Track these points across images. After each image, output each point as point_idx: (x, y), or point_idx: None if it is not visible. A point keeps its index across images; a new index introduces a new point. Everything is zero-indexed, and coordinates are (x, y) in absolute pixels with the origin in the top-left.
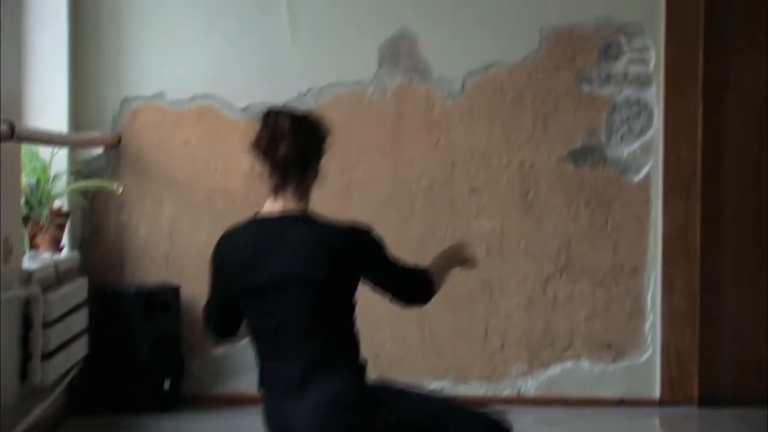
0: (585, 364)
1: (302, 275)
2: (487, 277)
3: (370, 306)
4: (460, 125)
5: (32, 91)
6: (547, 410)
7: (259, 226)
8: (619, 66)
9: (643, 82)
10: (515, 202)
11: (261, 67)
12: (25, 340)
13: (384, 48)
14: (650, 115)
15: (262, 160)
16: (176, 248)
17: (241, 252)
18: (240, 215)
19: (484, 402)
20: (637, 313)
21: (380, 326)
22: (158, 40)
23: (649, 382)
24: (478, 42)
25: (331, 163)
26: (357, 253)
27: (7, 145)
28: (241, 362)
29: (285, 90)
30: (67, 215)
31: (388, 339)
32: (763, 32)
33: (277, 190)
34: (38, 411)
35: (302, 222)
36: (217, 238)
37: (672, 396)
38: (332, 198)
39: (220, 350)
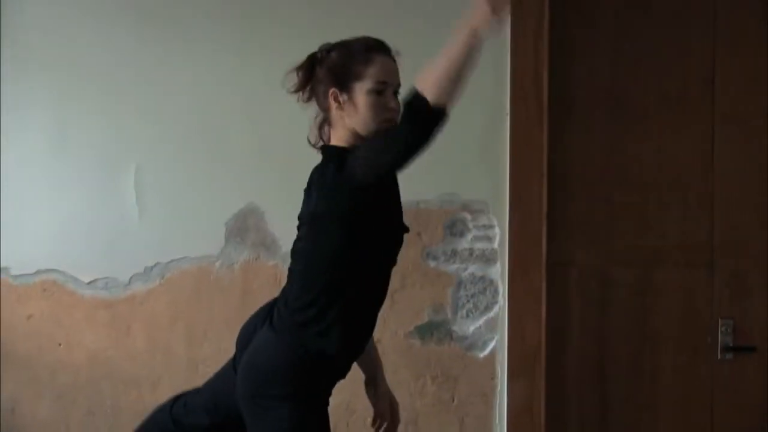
0: None
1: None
2: None
3: None
4: None
5: None
6: None
7: None
8: (464, 242)
9: (488, 258)
10: (362, 378)
11: (107, 241)
12: None
13: (231, 223)
14: (495, 292)
15: None
16: (17, 425)
17: None
18: (84, 391)
19: None
20: None
21: None
22: (2, 214)
23: None
24: None
25: (176, 340)
26: None
27: None
28: None
29: (132, 264)
30: None
31: None
32: (601, 213)
33: None
34: None
35: None
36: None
37: None
38: (179, 371)
39: None
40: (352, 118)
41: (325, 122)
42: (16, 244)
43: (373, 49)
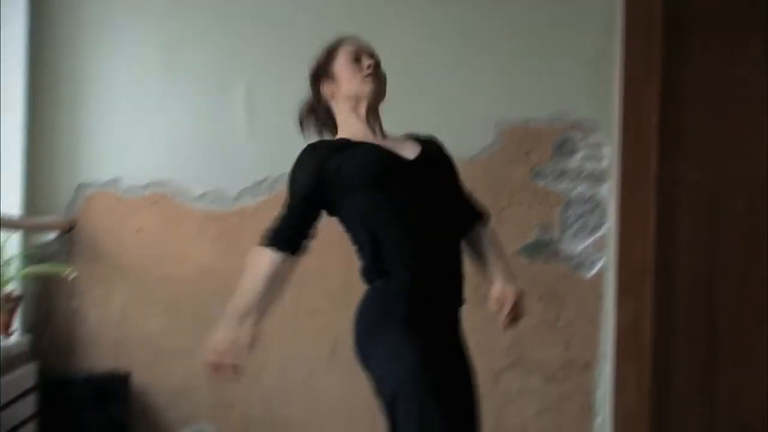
0: None
1: None
2: None
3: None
4: None
5: None
6: None
7: None
8: (573, 162)
9: (597, 178)
10: (468, 295)
11: (216, 155)
12: None
13: None
14: (603, 212)
15: None
16: (127, 335)
17: None
18: (192, 303)
19: None
20: (588, 409)
21: (327, 417)
22: (114, 127)
23: None
24: (433, 134)
25: None
26: None
27: None
28: None
29: (241, 178)
30: (18, 299)
31: (337, 430)
32: (715, 130)
33: None
34: None
35: None
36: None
37: None
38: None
39: None
40: (342, 90)
41: (324, 121)
42: (127, 157)
43: (334, 43)
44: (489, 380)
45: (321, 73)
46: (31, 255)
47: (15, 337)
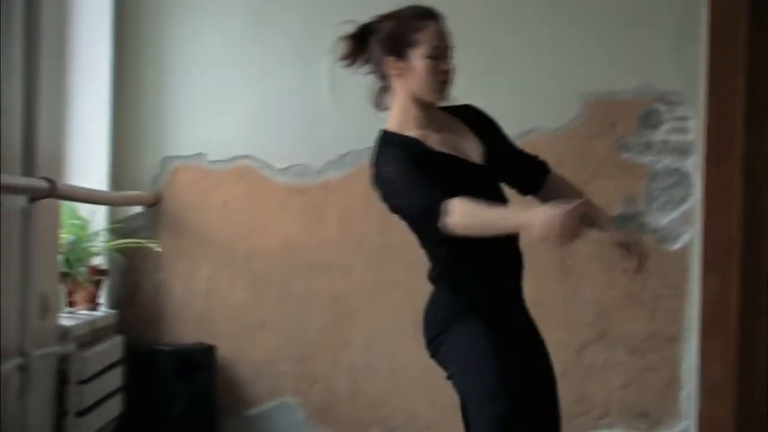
0: None
1: None
2: None
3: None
4: None
5: (73, 149)
6: None
7: None
8: (658, 134)
9: (683, 151)
10: (552, 268)
11: (301, 128)
12: (61, 397)
13: None
14: (689, 185)
15: None
16: (212, 308)
17: None
18: (277, 277)
19: None
20: (673, 382)
21: (411, 391)
22: (199, 101)
23: None
24: (518, 107)
25: (368, 227)
26: None
27: (47, 202)
28: (277, 423)
29: (325, 152)
30: (104, 273)
31: (421, 403)
32: None
33: None
34: None
35: None
36: (253, 299)
37: None
38: (371, 258)
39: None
40: (411, 83)
41: (383, 89)
42: (212, 130)
43: (424, 16)
44: (573, 353)
45: (393, 46)
46: (117, 229)
47: (102, 310)
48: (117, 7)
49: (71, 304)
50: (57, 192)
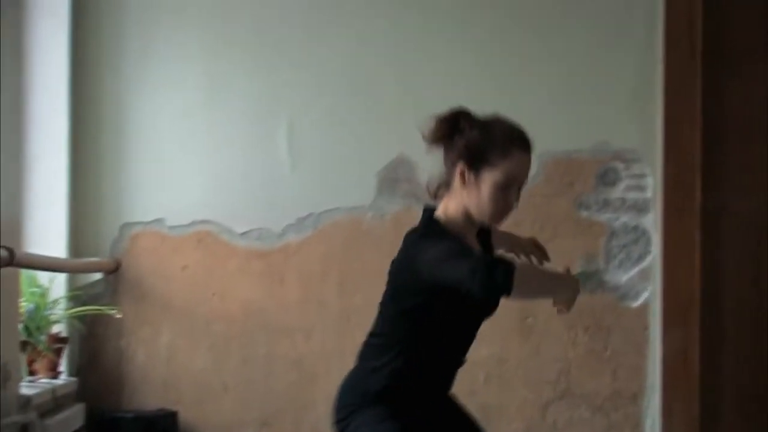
0: None
1: None
2: (485, 403)
3: None
4: None
5: (32, 216)
6: None
7: None
8: (616, 192)
9: (641, 208)
10: (515, 327)
11: (260, 192)
12: None
13: (382, 174)
14: (648, 242)
15: None
16: (174, 374)
17: None
18: (238, 341)
19: None
20: None
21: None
22: (157, 167)
23: None
24: None
25: (329, 290)
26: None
27: (7, 271)
28: None
29: (284, 215)
30: (65, 340)
31: None
32: (759, 159)
33: None
34: None
35: None
36: (214, 364)
37: None
38: (332, 321)
39: None
40: (471, 198)
41: (443, 184)
42: (171, 196)
43: (514, 141)
44: (537, 412)
45: (471, 157)
46: (77, 296)
47: (63, 377)
48: (74, 74)
49: (32, 372)
50: (16, 261)
